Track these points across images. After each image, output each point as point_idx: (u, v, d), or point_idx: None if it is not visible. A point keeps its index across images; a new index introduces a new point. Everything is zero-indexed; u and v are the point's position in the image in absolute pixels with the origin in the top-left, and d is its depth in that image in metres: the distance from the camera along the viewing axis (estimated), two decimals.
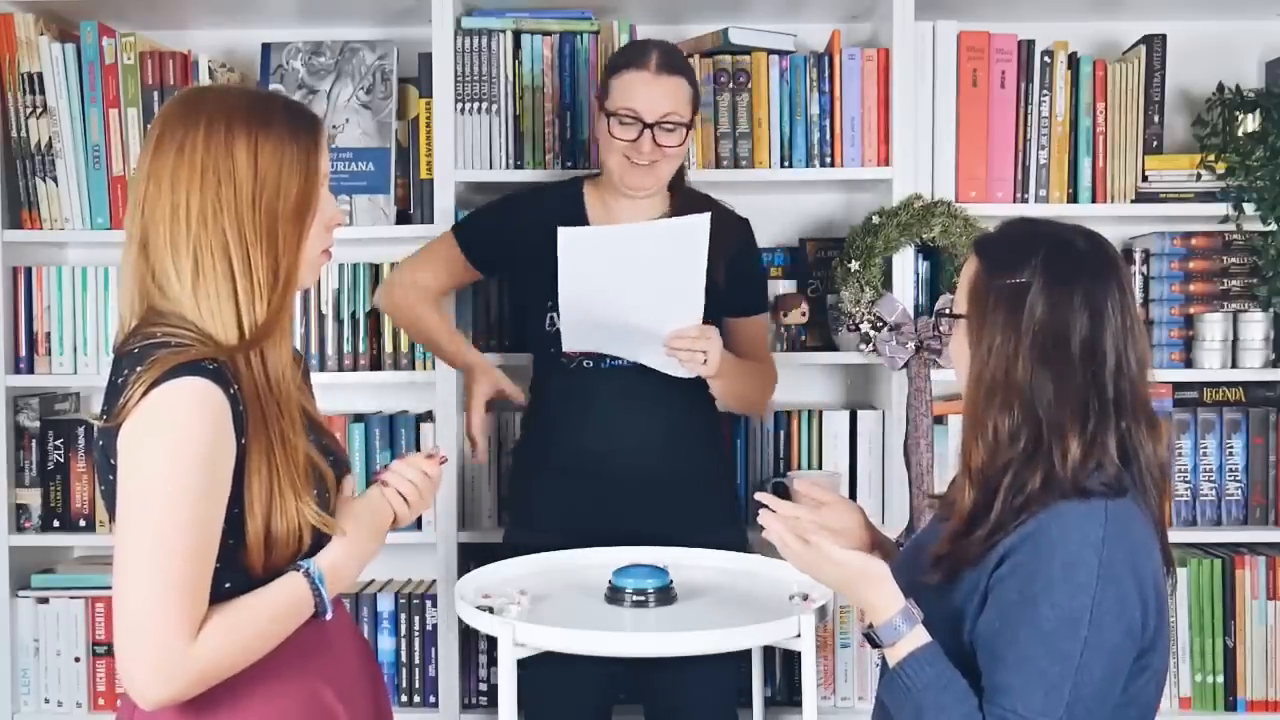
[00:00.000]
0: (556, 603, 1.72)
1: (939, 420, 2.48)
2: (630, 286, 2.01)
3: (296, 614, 1.39)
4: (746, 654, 1.80)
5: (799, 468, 2.63)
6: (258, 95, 1.49)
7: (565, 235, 1.98)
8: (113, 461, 1.31)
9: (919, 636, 1.38)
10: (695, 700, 2.12)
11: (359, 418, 2.65)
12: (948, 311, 1.55)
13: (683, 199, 2.21)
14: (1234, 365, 2.55)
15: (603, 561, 1.83)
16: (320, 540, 1.41)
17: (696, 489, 2.18)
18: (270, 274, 1.38)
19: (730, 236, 2.18)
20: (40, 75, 2.54)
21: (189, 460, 1.27)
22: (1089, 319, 1.40)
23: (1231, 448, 2.59)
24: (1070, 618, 1.32)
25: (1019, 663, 1.33)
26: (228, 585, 1.33)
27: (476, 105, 2.54)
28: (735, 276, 2.18)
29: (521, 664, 1.58)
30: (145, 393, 1.28)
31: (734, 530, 2.23)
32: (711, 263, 2.03)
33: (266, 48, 2.65)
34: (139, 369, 1.29)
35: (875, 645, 1.41)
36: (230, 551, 1.33)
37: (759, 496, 1.56)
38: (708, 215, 1.98)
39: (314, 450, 1.44)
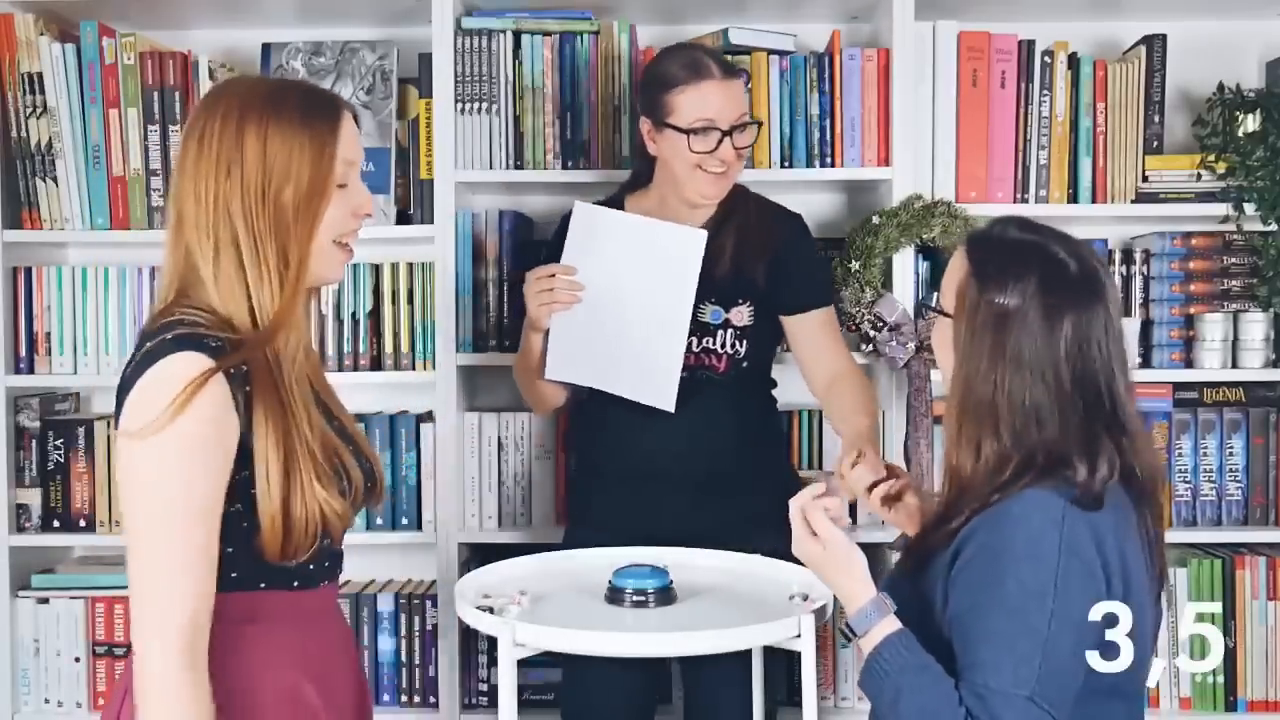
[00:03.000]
0: (556, 603, 1.72)
1: (939, 420, 2.48)
2: (625, 279, 2.04)
3: None
4: (780, 653, 1.78)
5: (799, 468, 2.62)
6: (277, 85, 1.49)
7: (580, 210, 2.05)
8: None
9: (891, 624, 1.41)
10: (730, 698, 2.11)
11: (359, 418, 2.64)
12: (934, 305, 1.56)
13: (726, 206, 2.17)
14: (1234, 365, 2.55)
15: (603, 562, 1.83)
16: (327, 553, 1.42)
17: (747, 491, 2.15)
18: (280, 263, 1.38)
19: (771, 234, 2.17)
20: (40, 75, 2.54)
21: (180, 436, 1.28)
22: (1078, 348, 1.42)
23: (1231, 448, 2.59)
24: (1036, 591, 1.34)
25: (988, 638, 1.35)
26: (234, 575, 1.34)
27: (476, 105, 2.54)
28: (779, 274, 2.16)
29: (558, 663, 1.57)
30: (149, 367, 1.30)
31: (785, 534, 2.22)
32: (749, 263, 2.10)
33: (266, 48, 2.65)
34: (148, 344, 1.32)
35: (849, 638, 1.44)
36: (245, 536, 1.34)
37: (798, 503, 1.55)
38: (704, 233, 2.03)
39: (339, 444, 1.45)
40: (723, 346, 2.15)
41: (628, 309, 2.07)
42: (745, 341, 2.15)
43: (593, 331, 2.09)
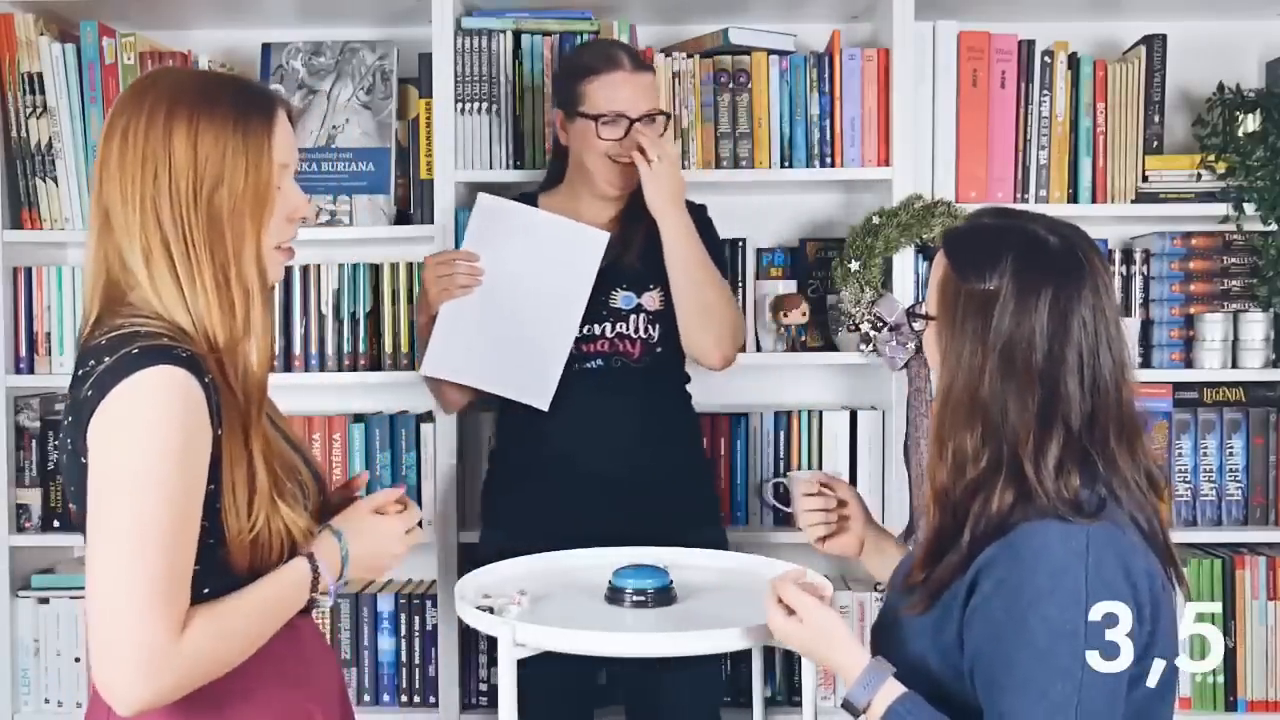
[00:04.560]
0: (556, 603, 1.72)
1: None
2: (522, 274, 2.09)
3: (292, 604, 1.34)
4: (739, 654, 1.79)
5: (799, 468, 2.62)
6: (208, 79, 1.41)
7: (484, 201, 2.09)
8: (83, 460, 1.25)
9: (892, 689, 1.32)
10: (678, 701, 2.13)
11: (359, 418, 2.65)
12: (921, 311, 1.49)
13: (638, 196, 2.17)
14: (1234, 365, 2.55)
15: (603, 562, 1.83)
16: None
17: (673, 488, 2.18)
18: (217, 271, 1.31)
19: None
20: (40, 75, 2.54)
21: (161, 451, 1.21)
22: (1054, 330, 1.33)
23: (1231, 448, 2.58)
24: (1065, 631, 1.25)
25: (1018, 686, 1.26)
26: (206, 590, 1.27)
27: (476, 105, 2.54)
28: None
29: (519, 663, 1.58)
30: (116, 383, 1.22)
31: (714, 529, 2.24)
32: (660, 251, 2.12)
33: (266, 48, 2.65)
34: (107, 359, 1.24)
35: (855, 716, 1.35)
36: (210, 552, 1.28)
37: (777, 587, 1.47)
38: (606, 235, 2.09)
39: (293, 455, 1.42)
40: (636, 331, 2.17)
41: (520, 304, 2.11)
42: (658, 325, 2.18)
43: (480, 325, 2.11)
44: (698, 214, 2.28)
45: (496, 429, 2.35)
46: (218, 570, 1.29)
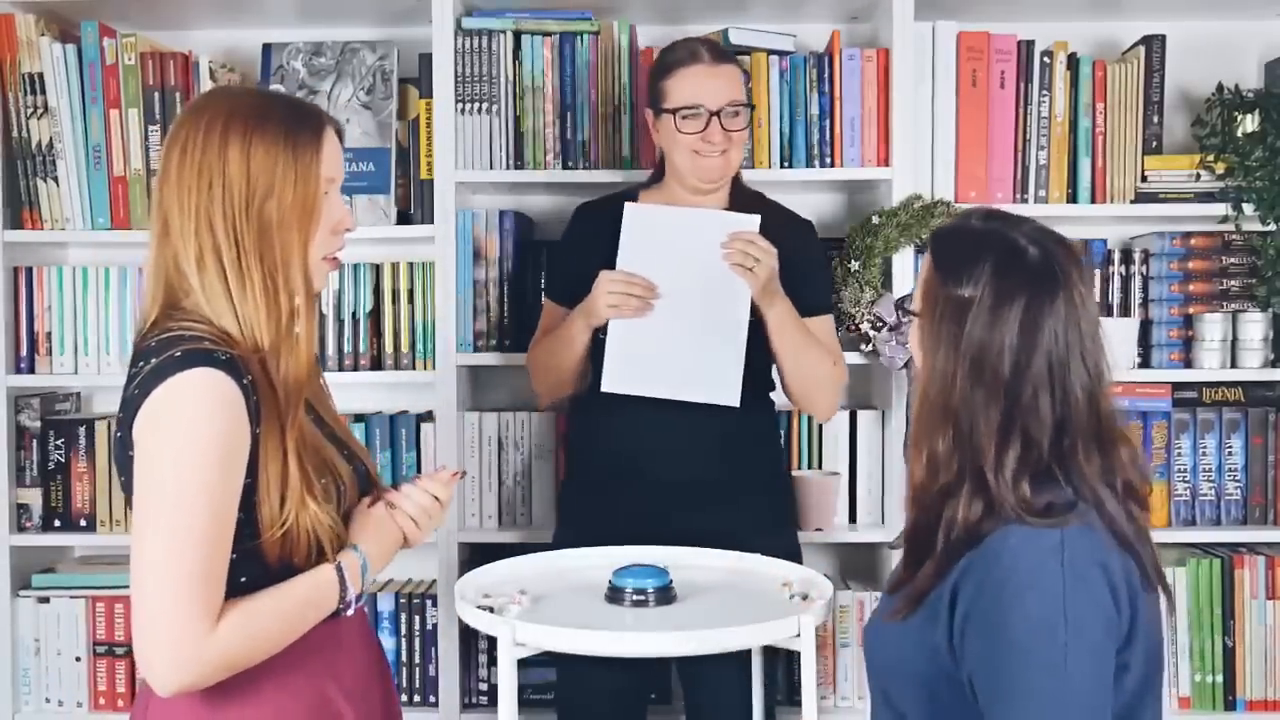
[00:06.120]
0: (556, 603, 1.72)
1: None
2: (683, 274, 2.07)
3: (320, 608, 1.41)
4: (778, 653, 1.78)
5: (799, 468, 2.63)
6: (261, 96, 1.49)
7: (631, 210, 2.08)
8: (130, 454, 1.33)
9: None
10: (729, 697, 2.12)
11: (359, 418, 2.66)
12: (907, 307, 1.49)
13: (741, 196, 2.21)
14: (1233, 365, 2.56)
15: (603, 561, 1.83)
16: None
17: (751, 493, 2.17)
18: (265, 278, 1.38)
19: (789, 236, 2.17)
20: (41, 75, 2.54)
21: (200, 450, 1.29)
22: (1022, 342, 1.33)
23: (1231, 448, 2.59)
24: (1046, 625, 1.25)
25: (1009, 687, 1.26)
26: (243, 579, 1.35)
27: (476, 105, 2.54)
28: (794, 276, 2.16)
29: (554, 662, 1.57)
30: (158, 384, 1.30)
31: (788, 537, 2.23)
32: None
33: (267, 48, 2.65)
34: (153, 360, 1.32)
35: None
36: (246, 543, 1.35)
37: None
38: (758, 217, 2.06)
39: (332, 452, 1.47)
40: None
41: (687, 305, 2.09)
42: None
43: (653, 334, 2.09)
44: (810, 234, 2.28)
45: (571, 428, 2.34)
46: (253, 559, 1.36)
